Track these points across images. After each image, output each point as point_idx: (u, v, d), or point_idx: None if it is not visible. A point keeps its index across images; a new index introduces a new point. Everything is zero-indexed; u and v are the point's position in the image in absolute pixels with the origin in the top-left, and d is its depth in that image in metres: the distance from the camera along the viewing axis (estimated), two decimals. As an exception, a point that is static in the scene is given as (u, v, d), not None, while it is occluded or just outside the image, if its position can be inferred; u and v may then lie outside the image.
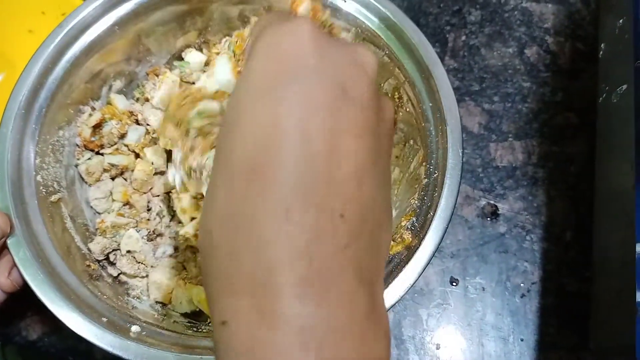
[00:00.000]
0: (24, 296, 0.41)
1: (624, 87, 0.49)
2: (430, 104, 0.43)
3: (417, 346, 0.49)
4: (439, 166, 0.41)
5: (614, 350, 0.44)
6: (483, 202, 0.54)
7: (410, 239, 0.39)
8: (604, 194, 0.51)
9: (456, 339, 0.50)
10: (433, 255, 0.38)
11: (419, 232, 0.39)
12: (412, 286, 0.37)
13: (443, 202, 0.39)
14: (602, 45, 0.57)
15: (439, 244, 0.38)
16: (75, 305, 0.36)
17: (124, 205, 0.48)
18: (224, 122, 0.22)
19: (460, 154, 0.40)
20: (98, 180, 0.48)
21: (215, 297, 0.20)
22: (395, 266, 0.38)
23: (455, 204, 0.39)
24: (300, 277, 0.19)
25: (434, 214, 0.39)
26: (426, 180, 0.41)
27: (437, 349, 0.49)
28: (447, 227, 0.39)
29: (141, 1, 0.46)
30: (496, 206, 0.54)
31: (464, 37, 0.62)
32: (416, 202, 0.41)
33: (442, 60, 0.61)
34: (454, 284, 0.51)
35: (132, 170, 0.48)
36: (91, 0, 0.45)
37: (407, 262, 0.37)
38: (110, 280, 0.44)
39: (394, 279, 0.37)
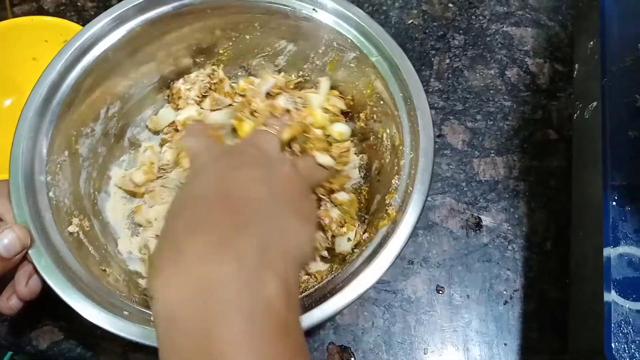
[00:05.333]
0: (34, 308, 0.44)
1: (594, 103, 0.52)
2: (401, 94, 0.48)
3: (406, 351, 0.52)
4: (413, 147, 0.45)
5: (589, 351, 0.46)
6: (467, 214, 0.58)
7: (395, 214, 0.43)
8: (579, 205, 0.54)
9: (443, 344, 0.52)
10: (416, 224, 0.42)
11: (402, 207, 0.43)
12: (399, 253, 0.40)
13: (419, 177, 0.43)
14: (577, 65, 0.61)
15: (420, 214, 0.42)
16: (97, 303, 0.39)
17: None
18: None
19: (431, 134, 0.45)
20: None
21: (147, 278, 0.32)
22: (384, 237, 0.42)
23: (431, 178, 0.43)
24: (202, 249, 0.28)
25: (413, 189, 0.43)
26: (403, 161, 0.46)
27: (425, 353, 0.52)
28: (425, 200, 0.42)
29: (131, 30, 0.50)
30: (479, 218, 0.57)
31: (448, 60, 0.66)
32: (397, 181, 0.45)
33: (427, 82, 0.65)
34: (440, 292, 0.54)
35: None
36: (87, 28, 0.49)
37: (393, 232, 0.41)
38: (122, 279, 0.48)
39: (383, 247, 0.41)
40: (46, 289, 0.42)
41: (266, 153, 0.39)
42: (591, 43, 0.56)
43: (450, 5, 0.70)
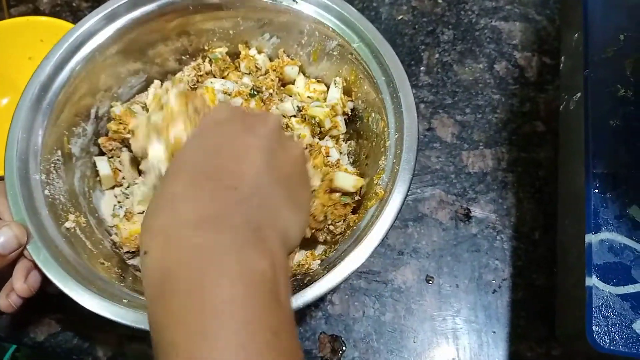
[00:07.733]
0: (32, 301, 0.45)
1: (578, 94, 0.53)
2: (383, 78, 0.49)
3: (397, 340, 0.53)
4: (398, 128, 0.47)
5: (574, 336, 0.47)
6: (456, 205, 0.58)
7: (383, 193, 0.45)
8: (565, 194, 0.55)
9: (432, 332, 0.53)
10: (404, 200, 0.43)
11: (389, 185, 0.44)
12: (391, 227, 0.42)
13: (405, 156, 0.44)
14: (563, 58, 0.62)
15: (408, 190, 0.43)
16: (96, 293, 0.40)
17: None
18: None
19: (415, 115, 0.46)
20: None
21: (141, 237, 0.31)
22: (375, 213, 0.44)
23: (417, 156, 0.45)
24: (200, 217, 0.30)
25: (399, 168, 0.44)
26: (389, 142, 0.47)
27: (415, 342, 0.53)
28: (412, 177, 0.44)
29: (118, 29, 0.52)
30: (468, 209, 0.58)
31: (437, 55, 0.67)
32: (384, 162, 0.47)
33: (417, 76, 0.66)
34: (430, 281, 0.55)
35: None
36: (77, 27, 0.50)
37: (382, 209, 0.43)
38: (120, 272, 0.49)
39: (374, 224, 0.42)
40: (44, 283, 0.43)
41: (276, 128, 0.38)
42: (575, 36, 0.57)
43: (440, 0, 0.71)
